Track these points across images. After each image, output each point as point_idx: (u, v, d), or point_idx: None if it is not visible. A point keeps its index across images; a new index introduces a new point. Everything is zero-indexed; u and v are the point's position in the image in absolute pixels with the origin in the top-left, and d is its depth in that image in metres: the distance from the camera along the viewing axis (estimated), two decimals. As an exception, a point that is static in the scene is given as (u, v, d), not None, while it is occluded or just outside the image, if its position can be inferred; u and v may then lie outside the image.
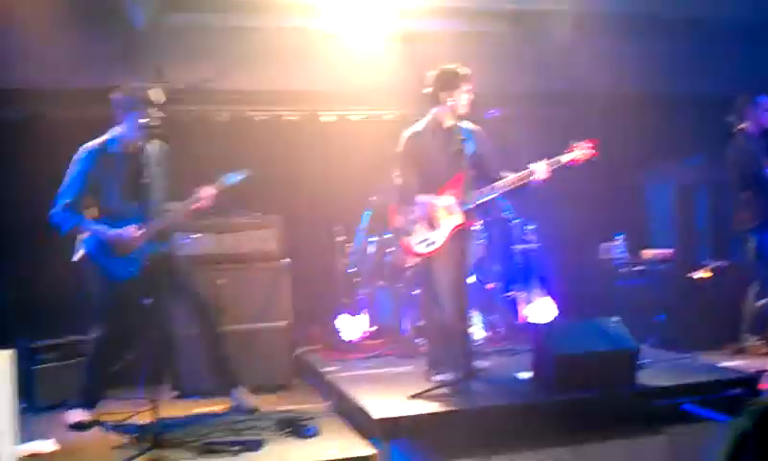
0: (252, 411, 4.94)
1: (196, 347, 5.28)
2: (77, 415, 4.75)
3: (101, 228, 4.70)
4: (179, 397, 5.51)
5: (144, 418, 4.52)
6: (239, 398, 5.02)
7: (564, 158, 5.00)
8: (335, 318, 6.58)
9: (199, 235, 5.63)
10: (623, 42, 7.12)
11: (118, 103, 4.77)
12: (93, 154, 4.77)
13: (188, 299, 5.02)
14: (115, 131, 4.81)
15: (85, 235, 4.76)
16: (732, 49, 7.53)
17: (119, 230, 4.68)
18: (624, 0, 7.08)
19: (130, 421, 4.80)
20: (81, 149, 4.79)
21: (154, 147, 4.87)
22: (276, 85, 7.30)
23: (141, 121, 4.63)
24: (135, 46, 6.64)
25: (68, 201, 4.69)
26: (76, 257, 4.79)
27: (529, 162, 5.01)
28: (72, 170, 4.76)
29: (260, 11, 6.86)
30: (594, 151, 5.02)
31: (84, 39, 6.34)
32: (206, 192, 4.87)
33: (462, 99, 5.01)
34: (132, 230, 4.70)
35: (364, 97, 7.65)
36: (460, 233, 4.88)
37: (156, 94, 4.77)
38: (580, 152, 5.01)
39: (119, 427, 4.70)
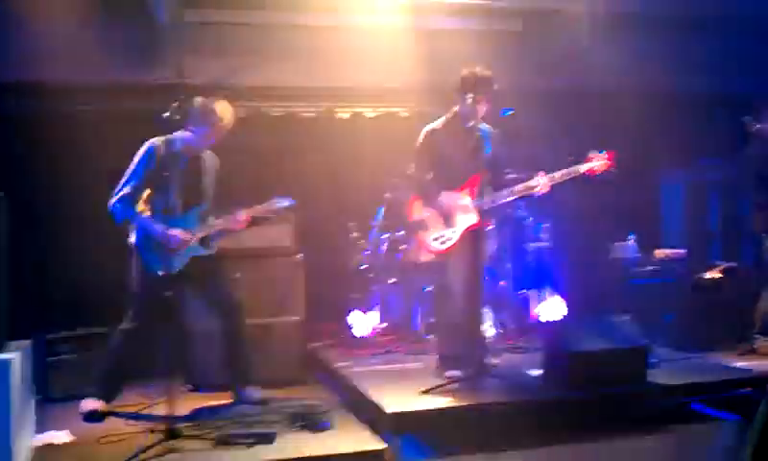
0: (262, 403, 5.01)
1: (210, 341, 5.36)
2: (91, 404, 4.82)
3: (152, 224, 4.82)
4: (192, 390, 5.57)
5: (158, 410, 4.58)
6: (249, 396, 5.09)
7: (582, 168, 5.03)
8: (347, 314, 6.61)
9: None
10: (637, 41, 7.12)
11: (195, 113, 4.93)
12: (157, 148, 4.88)
13: (220, 300, 5.11)
14: (183, 133, 4.94)
15: (136, 227, 4.88)
16: (747, 48, 7.52)
17: (169, 230, 4.80)
18: (638, 0, 7.08)
19: (144, 412, 4.87)
20: (146, 143, 4.91)
21: (208, 156, 5.12)
22: (293, 82, 7.36)
23: (211, 138, 4.95)
24: (157, 42, 6.71)
25: (126, 192, 4.82)
26: (128, 243, 4.91)
27: (542, 162, 5.04)
28: (134, 161, 4.89)
29: (278, 8, 6.92)
30: (612, 163, 5.03)
31: (106, 34, 6.41)
32: (243, 216, 5.05)
33: (481, 104, 5.04)
34: (180, 232, 4.84)
35: (379, 94, 7.69)
36: (475, 233, 4.92)
37: (227, 112, 4.99)
38: (597, 163, 5.03)
39: (133, 418, 4.76)
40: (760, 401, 4.52)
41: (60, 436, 4.45)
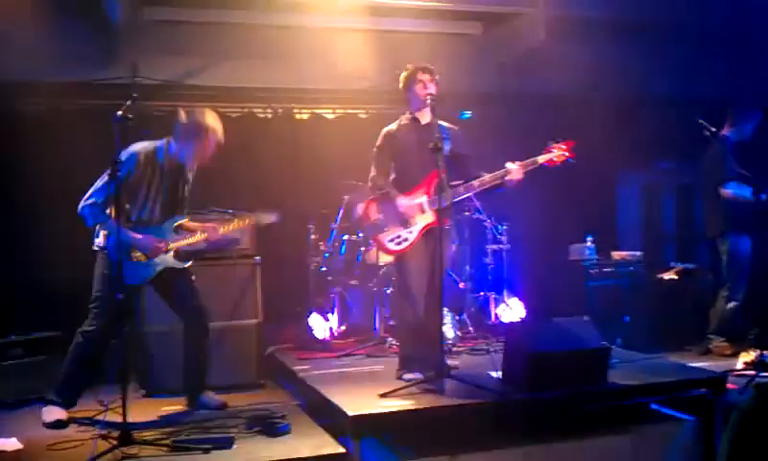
0: (221, 408, 4.94)
1: (166, 346, 5.28)
2: (55, 413, 4.67)
3: (127, 231, 4.63)
4: (146, 395, 5.47)
5: (111, 415, 4.48)
6: (208, 402, 5.01)
7: (541, 159, 5.06)
8: (307, 316, 6.56)
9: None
10: (595, 45, 7.19)
11: (183, 127, 4.80)
12: (139, 158, 4.74)
13: (188, 308, 5.00)
14: (167, 144, 4.82)
15: (107, 233, 4.72)
16: (703, 53, 7.64)
17: (143, 238, 4.69)
18: (597, 4, 7.14)
19: (96, 418, 4.74)
20: (129, 149, 4.72)
21: (189, 167, 4.98)
22: (251, 82, 7.30)
23: (197, 150, 4.81)
24: (112, 41, 6.60)
25: (98, 200, 4.64)
26: (96, 247, 4.76)
27: (500, 163, 5.05)
28: (114, 169, 4.67)
29: (237, 7, 6.84)
30: (571, 153, 5.06)
31: (60, 33, 6.30)
32: (220, 229, 5.01)
33: (417, 87, 5.05)
34: (154, 241, 4.74)
35: (338, 95, 7.67)
36: (433, 232, 4.89)
37: (207, 124, 4.82)
38: (556, 153, 5.05)
39: (85, 424, 4.63)
40: (718, 403, 4.60)
41: (9, 444, 4.30)
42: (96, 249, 4.78)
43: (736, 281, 6.16)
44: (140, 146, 4.77)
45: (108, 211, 4.65)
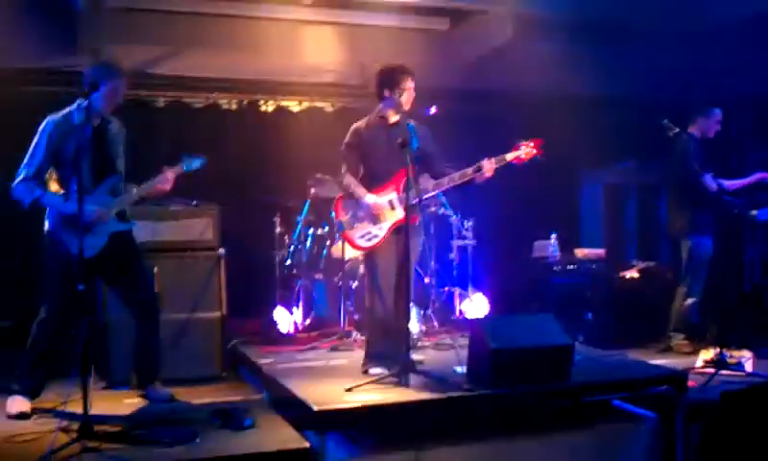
0: (170, 400, 4.88)
1: (126, 337, 5.19)
2: (19, 404, 4.56)
3: (64, 202, 4.51)
4: (106, 387, 5.38)
5: (71, 407, 4.40)
6: (156, 394, 4.93)
7: (509, 157, 5.07)
8: (272, 310, 6.51)
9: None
10: (561, 44, 7.23)
11: (91, 73, 4.59)
12: (57, 124, 4.59)
13: (138, 285, 4.91)
14: (82, 102, 4.52)
15: (49, 209, 4.60)
16: (667, 54, 7.73)
17: (85, 207, 4.44)
18: (562, 4, 7.19)
19: (56, 409, 4.65)
20: (45, 120, 4.62)
21: (113, 124, 4.82)
22: (216, 73, 7.22)
23: (114, 92, 4.63)
24: (75, 28, 6.47)
25: (29, 173, 4.53)
26: (45, 230, 4.64)
27: (466, 159, 5.06)
28: (34, 141, 4.59)
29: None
30: (538, 151, 5.09)
31: (21, 19, 6.16)
32: (171, 173, 4.83)
33: (404, 96, 5.04)
34: (97, 208, 4.60)
35: (304, 88, 7.62)
36: (402, 229, 4.90)
37: (118, 66, 4.72)
38: (524, 150, 5.08)
39: (45, 416, 4.54)
40: (679, 401, 4.67)
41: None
42: (43, 233, 4.65)
43: (695, 279, 6.25)
44: (53, 115, 4.63)
45: (42, 186, 4.53)
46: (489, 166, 4.97)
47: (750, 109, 7.92)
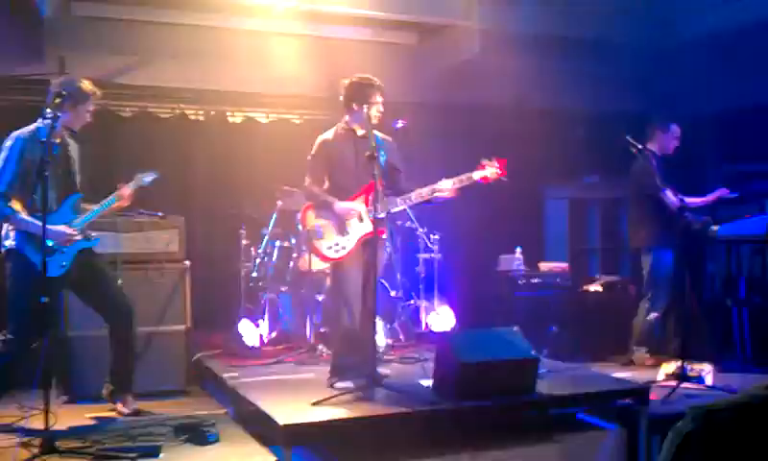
0: (137, 414, 4.85)
1: (89, 351, 5.16)
2: None
3: (33, 222, 4.45)
4: (68, 401, 5.31)
5: (33, 422, 4.33)
6: (125, 404, 4.90)
7: (476, 175, 5.14)
8: (237, 323, 6.46)
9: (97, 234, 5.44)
10: (527, 59, 7.32)
11: (59, 89, 4.55)
12: (26, 141, 4.56)
13: (109, 299, 4.88)
14: (45, 119, 4.52)
15: (14, 228, 4.55)
16: (632, 68, 7.86)
17: (53, 227, 4.48)
18: (528, 19, 7.29)
19: (17, 424, 4.58)
20: (11, 135, 4.59)
21: (72, 141, 4.83)
22: (183, 83, 7.18)
23: (83, 113, 4.68)
24: (40, 36, 6.40)
25: (1, 191, 4.48)
26: (4, 249, 4.59)
27: (433, 173, 5.10)
28: (2, 157, 4.55)
29: (169, 6, 6.73)
30: (503, 172, 5.16)
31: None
32: (126, 191, 4.85)
33: (373, 110, 5.06)
34: (64, 227, 4.59)
35: (272, 100, 7.61)
36: (369, 241, 4.92)
37: (91, 87, 4.75)
38: (490, 171, 5.15)
39: (5, 431, 4.46)
40: (642, 413, 4.73)
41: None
42: (6, 250, 4.60)
43: (657, 293, 6.33)
44: (20, 131, 4.61)
45: (10, 204, 4.49)
46: (450, 187, 5.03)
47: (713, 125, 8.06)
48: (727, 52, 7.31)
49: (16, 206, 4.53)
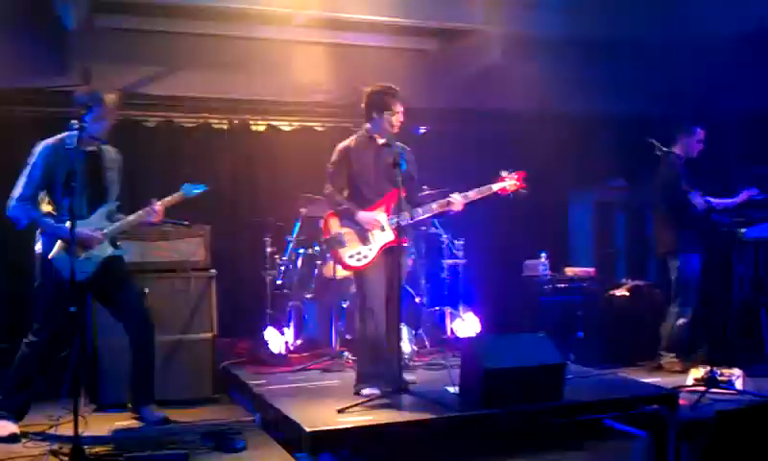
0: (164, 422, 4.88)
1: (118, 358, 5.17)
2: (9, 427, 4.53)
3: (59, 225, 4.54)
4: (96, 409, 5.35)
5: (62, 430, 4.36)
6: (149, 416, 4.92)
7: (495, 187, 5.20)
8: (263, 330, 6.49)
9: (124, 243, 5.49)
10: (550, 63, 7.28)
11: (84, 100, 4.66)
12: (52, 149, 4.65)
13: (131, 307, 4.93)
14: (74, 128, 4.56)
15: (43, 231, 4.64)
16: (657, 72, 7.79)
17: (79, 230, 4.50)
18: (550, 23, 7.25)
19: (47, 432, 4.62)
20: (39, 144, 4.69)
21: (109, 150, 4.88)
22: (206, 92, 7.23)
23: (107, 121, 4.71)
24: (65, 47, 6.48)
25: (25, 194, 4.59)
26: (37, 252, 4.67)
27: (455, 179, 5.11)
28: (30, 163, 4.65)
29: (192, 17, 6.77)
30: (522, 184, 5.18)
31: (11, 38, 6.19)
32: (159, 207, 4.90)
33: (393, 119, 5.08)
34: (91, 231, 4.65)
35: (295, 108, 7.64)
36: (391, 249, 4.92)
37: (113, 96, 4.81)
38: (509, 182, 5.20)
39: (35, 439, 4.50)
40: (670, 419, 4.68)
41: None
42: (37, 255, 4.68)
43: (686, 299, 6.27)
44: (48, 139, 4.70)
45: (38, 208, 4.60)
46: (459, 201, 5.10)
47: (739, 126, 7.97)
48: (757, 51, 7.21)
49: (46, 209, 4.64)
